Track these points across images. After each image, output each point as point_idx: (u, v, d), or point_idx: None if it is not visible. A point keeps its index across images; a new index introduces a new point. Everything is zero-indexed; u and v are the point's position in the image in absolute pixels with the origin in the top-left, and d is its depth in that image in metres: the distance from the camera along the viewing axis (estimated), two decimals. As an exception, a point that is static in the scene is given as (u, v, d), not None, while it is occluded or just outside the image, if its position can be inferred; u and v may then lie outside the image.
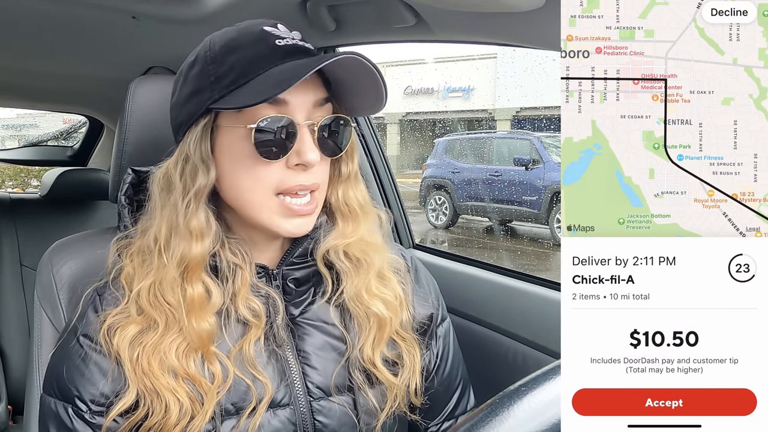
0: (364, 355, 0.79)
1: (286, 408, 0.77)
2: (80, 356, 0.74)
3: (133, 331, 0.73)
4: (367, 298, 0.80)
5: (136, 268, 0.76)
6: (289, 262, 0.80)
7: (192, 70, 0.75)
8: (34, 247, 2.11)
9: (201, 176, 0.73)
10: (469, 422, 0.44)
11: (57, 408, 0.74)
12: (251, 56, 0.72)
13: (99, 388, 0.73)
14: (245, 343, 0.75)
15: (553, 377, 0.47)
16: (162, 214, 0.75)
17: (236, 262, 0.76)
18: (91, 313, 0.77)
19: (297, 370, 0.78)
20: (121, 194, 0.83)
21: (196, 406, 0.71)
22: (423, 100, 13.15)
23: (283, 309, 0.79)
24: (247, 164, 0.72)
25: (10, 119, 10.89)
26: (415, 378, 0.83)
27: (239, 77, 0.71)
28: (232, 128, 0.73)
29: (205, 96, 0.72)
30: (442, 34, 1.12)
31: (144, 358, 0.72)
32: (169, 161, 0.77)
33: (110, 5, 1.21)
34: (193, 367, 0.72)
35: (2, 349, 2.03)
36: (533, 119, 10.72)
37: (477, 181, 7.39)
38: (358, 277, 0.81)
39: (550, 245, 6.43)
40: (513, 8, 0.88)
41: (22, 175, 6.62)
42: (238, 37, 0.74)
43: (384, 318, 0.80)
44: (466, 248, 6.87)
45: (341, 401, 0.79)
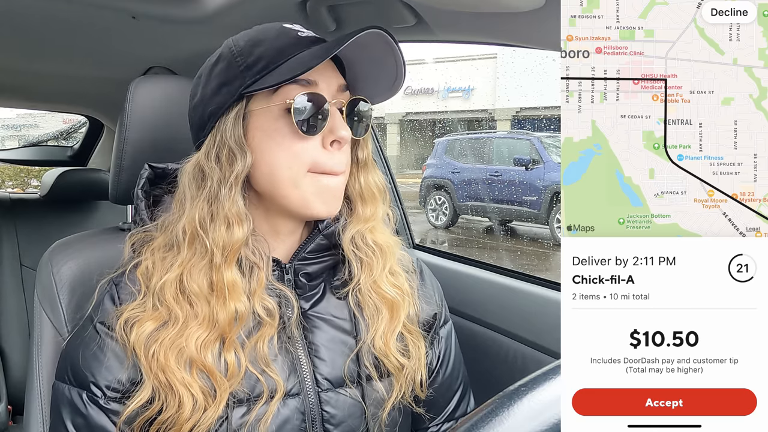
0: (376, 345, 0.81)
1: (295, 398, 0.78)
2: (97, 343, 0.75)
3: (150, 328, 0.74)
4: (383, 286, 0.82)
5: (156, 263, 0.77)
6: (301, 257, 0.81)
7: (216, 67, 0.77)
8: (34, 247, 2.12)
9: (239, 161, 0.75)
10: (469, 422, 0.44)
11: (71, 394, 0.75)
12: (279, 45, 0.75)
13: (115, 374, 0.74)
14: (259, 341, 0.76)
15: (553, 377, 0.47)
16: (194, 204, 0.76)
17: (255, 261, 0.78)
18: (108, 302, 0.77)
19: (306, 362, 0.79)
20: (138, 189, 0.83)
21: (208, 400, 0.72)
22: (423, 100, 13.16)
23: (298, 306, 0.80)
24: (284, 143, 0.75)
25: (10, 119, 10.88)
26: (421, 369, 0.84)
27: (270, 63, 0.74)
28: (266, 109, 0.75)
29: (236, 84, 0.75)
30: (442, 34, 1.12)
31: (161, 352, 0.73)
32: (198, 154, 0.78)
33: (110, 5, 1.21)
34: (210, 358, 0.73)
35: (2, 349, 2.03)
36: (533, 119, 10.73)
37: (477, 181, 7.39)
38: (377, 264, 0.82)
39: (550, 245, 6.42)
40: (513, 8, 0.88)
41: (22, 175, 6.62)
42: (260, 34, 0.77)
43: (397, 304, 0.82)
44: (466, 248, 6.86)
45: (349, 392, 0.80)
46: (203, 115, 0.78)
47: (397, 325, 0.82)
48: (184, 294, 0.75)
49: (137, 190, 0.83)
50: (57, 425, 0.76)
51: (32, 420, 0.90)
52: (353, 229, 0.82)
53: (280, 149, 0.75)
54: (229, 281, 0.74)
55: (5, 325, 2.05)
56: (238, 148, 0.75)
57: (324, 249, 0.82)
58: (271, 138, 0.75)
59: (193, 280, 0.75)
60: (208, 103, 0.77)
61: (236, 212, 0.75)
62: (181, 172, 0.79)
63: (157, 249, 0.78)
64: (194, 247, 0.75)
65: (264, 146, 0.75)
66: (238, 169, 0.74)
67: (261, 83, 0.73)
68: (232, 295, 0.74)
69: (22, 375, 1.91)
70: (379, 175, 0.86)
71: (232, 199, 0.75)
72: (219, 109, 0.76)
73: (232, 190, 0.75)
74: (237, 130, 0.75)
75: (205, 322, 0.74)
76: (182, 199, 0.78)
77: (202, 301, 0.74)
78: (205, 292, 0.75)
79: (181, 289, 0.75)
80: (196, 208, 0.76)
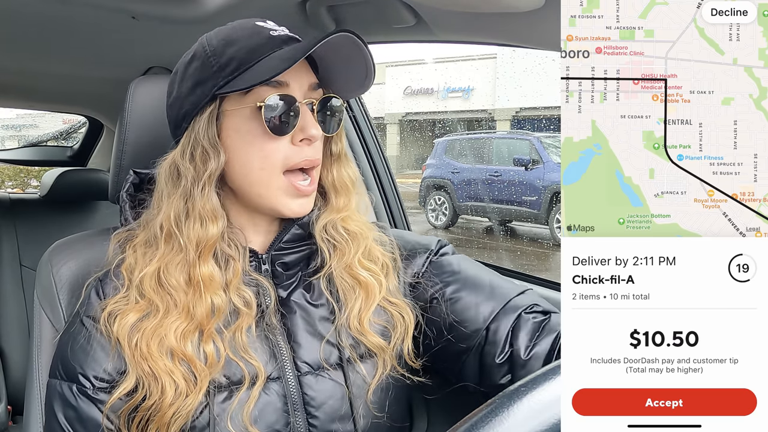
0: (351, 324, 0.82)
1: (276, 381, 0.79)
2: (84, 336, 0.77)
3: (133, 319, 0.76)
4: (355, 269, 0.83)
5: (138, 258, 0.79)
6: (278, 246, 0.83)
7: (191, 65, 0.79)
8: (34, 248, 2.11)
9: (212, 160, 0.77)
10: (469, 422, 0.44)
11: (62, 388, 0.77)
12: (251, 46, 0.77)
13: (102, 365, 0.76)
14: (237, 330, 0.78)
15: (553, 377, 0.47)
16: (170, 202, 0.78)
17: (230, 253, 0.80)
18: (93, 296, 0.80)
19: (285, 347, 0.81)
20: (123, 192, 0.86)
21: (190, 387, 0.74)
22: (423, 100, 13.15)
23: (275, 295, 0.82)
24: (255, 143, 0.77)
25: (10, 119, 10.88)
26: (408, 341, 0.85)
27: (242, 64, 0.76)
28: (238, 110, 0.77)
29: (209, 85, 0.76)
30: (442, 34, 1.12)
31: (143, 341, 0.75)
32: (174, 152, 0.80)
33: (110, 5, 1.21)
34: (190, 348, 0.75)
35: (2, 349, 2.03)
36: (533, 119, 10.73)
37: (477, 182, 7.40)
38: (350, 250, 0.84)
39: (549, 245, 6.43)
40: (513, 8, 0.88)
41: (22, 176, 6.63)
42: (233, 33, 0.79)
43: (371, 285, 0.83)
44: (466, 248, 6.86)
45: (330, 375, 0.81)
46: (178, 114, 0.80)
47: (372, 304, 0.83)
48: (164, 287, 0.77)
49: (122, 193, 0.86)
50: (50, 421, 0.77)
51: (32, 420, 0.90)
52: (326, 218, 0.84)
53: (252, 149, 0.77)
54: (205, 276, 0.76)
55: (5, 325, 2.05)
56: (211, 147, 0.77)
57: (299, 239, 0.84)
58: (243, 138, 0.77)
59: (170, 275, 0.77)
60: (183, 103, 0.79)
61: (210, 209, 0.77)
62: (158, 169, 0.81)
63: (139, 245, 0.81)
64: (171, 243, 0.78)
65: (237, 146, 0.78)
66: (211, 168, 0.77)
67: (232, 85, 0.75)
68: (209, 288, 0.76)
69: (22, 375, 1.91)
70: (352, 168, 0.88)
71: (206, 197, 0.77)
72: (193, 109, 0.78)
73: (206, 188, 0.77)
74: (211, 130, 0.77)
75: (184, 312, 0.76)
76: (160, 196, 0.80)
77: (180, 293, 0.77)
78: (183, 286, 0.77)
79: (160, 283, 0.77)
80: (172, 205, 0.78)
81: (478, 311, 0.85)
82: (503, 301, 0.85)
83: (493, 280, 0.89)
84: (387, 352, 0.83)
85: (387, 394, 0.84)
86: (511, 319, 0.83)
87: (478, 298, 0.86)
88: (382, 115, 12.19)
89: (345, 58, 0.79)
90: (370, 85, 0.83)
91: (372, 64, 0.79)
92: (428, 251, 0.92)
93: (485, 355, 0.84)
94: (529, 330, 0.82)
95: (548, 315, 0.84)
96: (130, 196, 0.86)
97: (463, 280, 0.88)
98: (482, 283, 0.88)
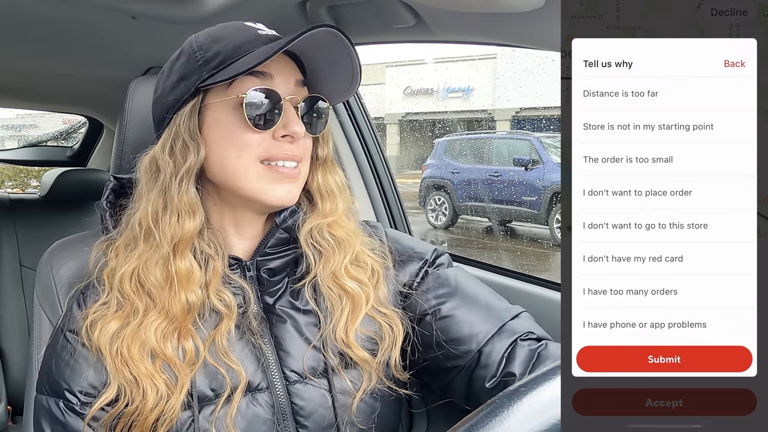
0: (337, 335, 0.81)
1: (264, 392, 0.78)
2: (68, 351, 0.77)
3: (114, 327, 0.75)
4: (342, 278, 0.82)
5: (119, 261, 0.78)
6: (262, 252, 0.82)
7: (177, 62, 0.80)
8: (34, 248, 2.11)
9: (192, 153, 0.76)
10: (469, 422, 0.44)
11: (49, 404, 0.76)
12: (237, 42, 0.77)
13: (88, 379, 0.75)
14: (217, 335, 0.77)
15: (553, 377, 0.47)
16: (149, 197, 0.78)
17: (209, 253, 0.79)
18: (75, 309, 0.79)
19: (273, 356, 0.80)
20: (103, 200, 0.84)
21: (171, 389, 0.73)
22: (422, 100, 13.15)
23: (256, 299, 0.81)
24: (235, 134, 0.76)
25: (10, 119, 10.86)
26: (396, 353, 0.83)
27: (226, 58, 0.76)
28: (221, 103, 0.77)
29: (193, 79, 0.76)
30: (442, 35, 1.12)
31: (124, 346, 0.74)
32: (154, 147, 0.79)
33: (110, 5, 1.21)
34: (170, 348, 0.74)
35: (2, 349, 2.03)
36: (533, 120, 10.72)
37: (477, 182, 7.39)
38: (336, 257, 0.82)
39: (549, 245, 6.43)
40: (513, 8, 0.88)
41: (21, 176, 6.62)
42: (221, 30, 0.79)
43: (358, 296, 0.82)
44: (466, 248, 6.86)
45: (317, 384, 0.80)
46: (162, 109, 0.80)
47: (359, 316, 0.81)
48: (144, 287, 0.76)
49: (102, 201, 0.84)
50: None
51: (32, 420, 0.89)
52: (311, 223, 0.83)
53: (231, 140, 0.76)
54: (180, 270, 0.75)
55: (5, 325, 2.05)
56: (191, 140, 0.76)
57: (284, 243, 0.83)
58: (224, 129, 0.76)
59: (149, 272, 0.76)
60: (166, 99, 0.79)
61: (187, 203, 0.76)
62: (138, 165, 0.80)
63: (120, 247, 0.80)
64: (150, 241, 0.77)
65: (217, 138, 0.77)
66: (191, 162, 0.76)
67: (215, 77, 0.75)
68: (184, 285, 0.75)
69: (22, 375, 1.91)
70: (339, 174, 0.87)
71: (183, 191, 0.76)
72: (177, 102, 0.77)
73: (184, 181, 0.76)
74: (192, 122, 0.77)
75: (163, 312, 0.75)
76: (140, 193, 0.79)
77: (158, 290, 0.76)
78: (160, 282, 0.76)
79: (140, 282, 0.76)
80: (150, 201, 0.77)
81: (471, 332, 0.84)
82: (498, 324, 0.84)
83: (489, 300, 0.88)
84: (372, 365, 0.81)
85: (374, 404, 0.83)
86: (505, 344, 0.82)
87: (473, 318, 0.85)
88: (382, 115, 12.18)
89: (331, 59, 0.78)
90: (356, 88, 0.81)
91: (358, 66, 0.78)
92: (423, 261, 0.90)
93: (475, 377, 0.83)
94: (525, 358, 0.81)
95: (543, 342, 0.83)
96: (111, 204, 0.84)
97: (459, 298, 0.87)
98: (477, 303, 0.87)
